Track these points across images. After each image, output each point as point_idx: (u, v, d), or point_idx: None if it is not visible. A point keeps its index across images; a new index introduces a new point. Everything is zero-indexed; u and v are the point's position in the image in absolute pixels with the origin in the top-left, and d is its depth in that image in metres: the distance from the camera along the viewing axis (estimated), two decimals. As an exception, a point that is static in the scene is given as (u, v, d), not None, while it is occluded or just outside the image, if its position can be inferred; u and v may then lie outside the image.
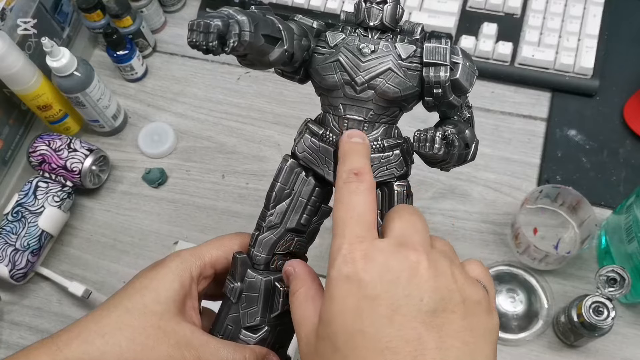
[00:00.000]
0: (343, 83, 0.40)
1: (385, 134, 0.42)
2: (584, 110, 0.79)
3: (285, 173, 0.43)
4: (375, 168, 0.41)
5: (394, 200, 0.42)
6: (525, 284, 0.70)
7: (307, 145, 0.42)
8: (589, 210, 0.69)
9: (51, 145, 0.75)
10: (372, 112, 0.41)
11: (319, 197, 0.43)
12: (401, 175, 0.42)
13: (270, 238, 0.43)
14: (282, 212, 0.43)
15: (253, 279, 0.42)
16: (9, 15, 0.73)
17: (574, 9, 0.82)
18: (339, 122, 0.42)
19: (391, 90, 0.40)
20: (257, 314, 0.42)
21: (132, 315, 0.40)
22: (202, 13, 0.89)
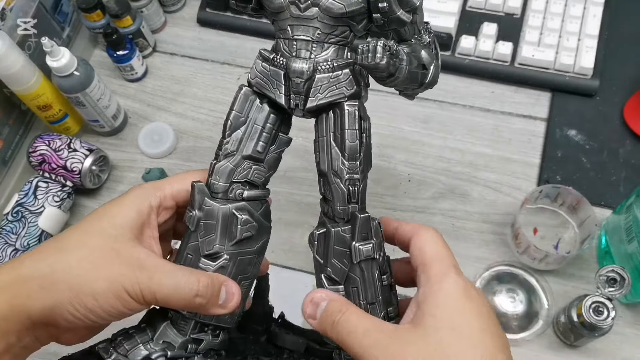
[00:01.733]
0: (288, 3, 0.40)
1: (335, 55, 0.41)
2: (584, 110, 0.79)
3: (240, 101, 0.43)
4: (324, 88, 0.41)
5: (345, 121, 0.41)
6: (525, 284, 0.70)
7: (258, 70, 0.42)
8: (589, 210, 0.69)
9: (51, 145, 0.75)
10: (319, 30, 0.41)
11: (274, 123, 0.43)
12: (352, 95, 0.41)
13: (227, 166, 0.43)
14: (237, 139, 0.43)
15: (210, 206, 0.42)
16: (9, 15, 0.73)
17: (574, 9, 0.82)
18: (288, 45, 0.41)
19: (335, 5, 0.40)
20: (215, 241, 0.42)
21: (88, 236, 0.41)
22: (202, 13, 0.89)
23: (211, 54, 0.88)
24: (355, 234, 0.41)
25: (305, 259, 0.72)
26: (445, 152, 0.79)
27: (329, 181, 0.42)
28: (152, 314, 0.45)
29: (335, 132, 0.41)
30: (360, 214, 0.42)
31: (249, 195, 0.43)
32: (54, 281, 0.38)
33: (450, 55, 0.83)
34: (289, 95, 0.42)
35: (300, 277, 0.71)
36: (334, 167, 0.41)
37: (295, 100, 0.41)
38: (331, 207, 0.42)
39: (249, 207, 0.43)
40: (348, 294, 0.42)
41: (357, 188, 0.42)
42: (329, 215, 0.43)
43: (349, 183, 0.41)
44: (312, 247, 0.44)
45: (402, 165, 0.78)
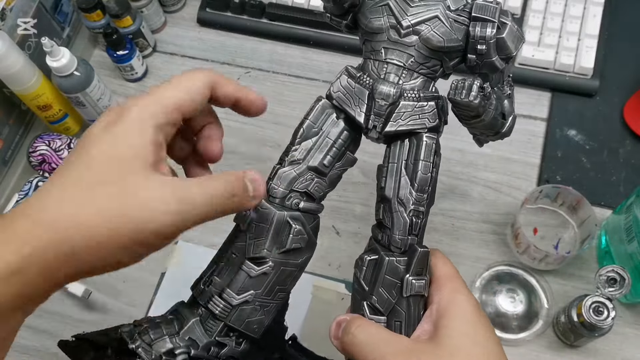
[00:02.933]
0: (389, 26, 0.40)
1: (422, 86, 0.42)
2: (584, 110, 0.79)
3: (317, 111, 0.43)
4: (407, 115, 0.41)
5: (421, 152, 0.41)
6: (525, 284, 0.70)
7: (342, 85, 0.42)
8: (589, 210, 0.69)
9: (51, 145, 0.75)
10: (412, 58, 0.41)
11: (346, 140, 0.43)
12: (432, 128, 0.42)
13: (290, 173, 0.42)
14: (306, 149, 0.42)
15: (267, 209, 0.41)
16: (9, 15, 0.73)
17: (574, 9, 0.82)
18: (377, 67, 0.41)
19: (435, 38, 0.40)
20: (263, 246, 0.41)
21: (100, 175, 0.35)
22: (202, 13, 0.89)
23: (211, 54, 0.88)
24: (411, 267, 0.41)
25: (305, 259, 0.72)
26: (445, 152, 0.78)
27: (391, 208, 0.41)
28: (181, 307, 0.44)
29: (407, 161, 0.41)
30: (420, 248, 0.41)
31: (305, 207, 0.43)
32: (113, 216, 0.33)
33: (450, 55, 0.83)
34: (369, 115, 0.41)
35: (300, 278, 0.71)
36: (400, 195, 0.41)
37: (374, 121, 0.41)
38: (387, 234, 0.42)
39: (303, 218, 0.43)
40: (390, 326, 0.41)
41: (420, 220, 0.41)
42: (382, 243, 0.42)
43: (413, 214, 0.41)
44: (358, 271, 0.43)
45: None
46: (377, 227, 0.44)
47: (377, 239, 0.43)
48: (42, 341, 0.70)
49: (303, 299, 0.70)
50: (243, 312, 0.41)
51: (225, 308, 0.41)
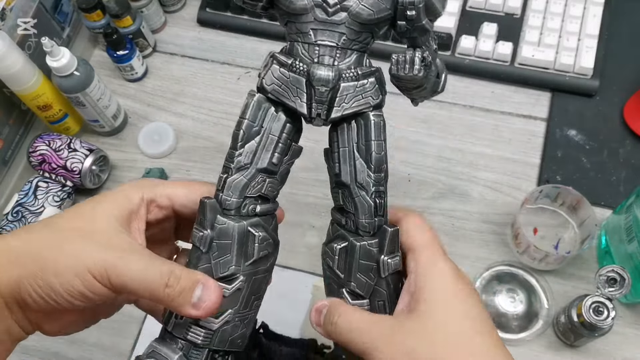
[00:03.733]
0: (313, 5, 0.38)
1: (357, 62, 0.40)
2: (584, 110, 0.79)
3: (253, 109, 0.40)
4: (350, 97, 0.39)
5: (370, 132, 0.39)
6: (525, 284, 0.70)
7: (275, 76, 0.39)
8: (589, 210, 0.69)
9: (51, 145, 0.75)
10: (345, 36, 0.39)
11: (290, 133, 0.40)
12: (377, 105, 0.40)
13: (241, 180, 0.40)
14: (251, 151, 0.40)
15: (224, 224, 0.39)
16: (9, 15, 0.73)
17: (574, 9, 0.82)
18: (309, 50, 0.39)
19: (365, 11, 0.38)
20: (231, 263, 0.39)
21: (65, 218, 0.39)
22: (202, 13, 0.89)
23: (211, 54, 0.88)
24: (384, 247, 0.40)
25: (305, 259, 0.72)
26: (445, 152, 0.79)
27: (351, 193, 0.40)
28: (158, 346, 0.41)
29: (359, 143, 0.40)
30: (390, 228, 0.41)
31: (262, 210, 0.41)
32: (20, 254, 0.36)
33: (450, 55, 0.83)
34: (310, 104, 0.39)
35: (300, 277, 0.71)
36: (358, 179, 0.40)
37: (318, 109, 0.39)
38: (352, 219, 0.41)
39: (263, 222, 0.41)
40: (374, 308, 0.41)
41: (383, 200, 0.41)
42: (348, 228, 0.42)
43: (375, 196, 0.40)
44: (330, 260, 0.42)
45: (402, 165, 0.78)
46: (338, 212, 0.42)
47: (342, 224, 0.42)
48: (41, 341, 0.70)
49: (303, 299, 0.70)
50: (225, 332, 0.40)
51: (206, 335, 0.39)
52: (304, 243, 0.73)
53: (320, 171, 0.77)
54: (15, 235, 0.38)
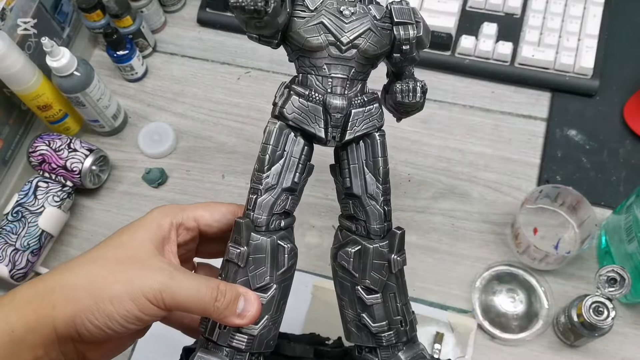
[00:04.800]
0: (328, 44, 0.43)
1: (362, 91, 0.45)
2: (584, 110, 0.79)
3: (276, 135, 0.45)
4: (360, 122, 0.45)
5: (377, 149, 0.45)
6: (525, 284, 0.70)
7: (296, 106, 0.44)
8: (589, 210, 0.69)
9: (51, 145, 0.75)
10: (354, 69, 0.44)
11: (307, 155, 0.46)
12: (380, 126, 0.46)
13: (269, 200, 0.44)
14: (277, 173, 0.45)
15: (258, 240, 0.44)
16: (9, 15, 0.73)
17: (574, 9, 0.82)
18: (322, 82, 0.44)
19: (371, 48, 0.44)
20: (266, 274, 0.44)
21: (108, 249, 0.42)
22: (202, 13, 0.89)
23: (211, 54, 0.88)
24: (394, 247, 0.46)
25: (305, 258, 0.72)
26: (445, 152, 0.79)
27: (362, 204, 0.46)
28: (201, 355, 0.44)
29: (367, 160, 0.46)
30: (399, 231, 0.46)
31: (286, 224, 0.46)
32: (75, 289, 0.39)
33: (450, 55, 0.83)
34: (327, 129, 0.45)
35: (300, 277, 0.71)
36: (369, 191, 0.46)
37: (333, 133, 0.45)
38: (363, 225, 0.46)
39: (287, 235, 0.46)
40: (386, 300, 0.46)
41: (389, 208, 0.46)
42: (359, 233, 0.47)
43: (384, 204, 0.46)
44: (345, 262, 0.47)
45: (402, 165, 0.78)
46: (347, 220, 0.48)
47: (352, 230, 0.47)
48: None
49: (303, 299, 0.70)
50: (262, 336, 0.44)
51: (249, 340, 0.44)
52: (304, 243, 0.73)
53: (320, 172, 0.77)
54: (67, 270, 0.40)
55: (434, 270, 0.72)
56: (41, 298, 0.38)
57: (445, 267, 0.72)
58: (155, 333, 0.46)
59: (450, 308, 0.69)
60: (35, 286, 0.39)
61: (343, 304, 0.48)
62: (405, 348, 0.48)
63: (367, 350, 0.48)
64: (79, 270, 0.40)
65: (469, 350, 0.67)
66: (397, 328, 0.47)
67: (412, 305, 0.50)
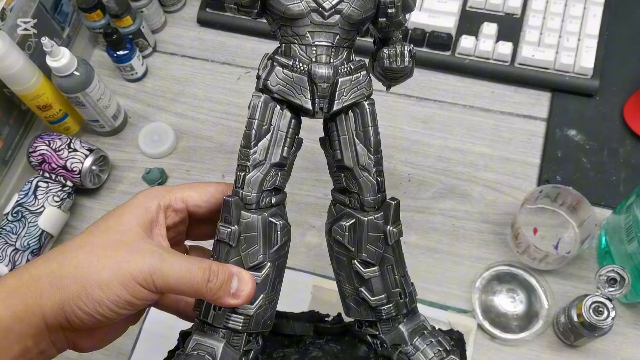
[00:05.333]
0: (310, 10, 0.42)
1: (348, 58, 0.44)
2: (584, 110, 0.79)
3: (261, 109, 0.43)
4: (347, 90, 0.43)
5: (367, 119, 0.44)
6: (525, 284, 0.70)
7: (280, 77, 0.43)
8: (589, 210, 0.69)
9: (51, 145, 0.75)
10: (338, 36, 0.43)
11: (295, 128, 0.44)
12: (369, 94, 0.44)
13: (258, 176, 0.43)
14: (264, 148, 0.43)
15: (249, 218, 0.43)
16: (9, 15, 0.73)
17: (574, 9, 0.82)
18: (306, 51, 0.43)
19: (355, 13, 0.42)
20: (259, 252, 0.43)
21: (95, 235, 0.41)
22: (202, 13, 0.89)
23: (211, 54, 0.88)
24: (389, 218, 0.45)
25: (305, 258, 0.72)
26: (445, 152, 0.79)
27: (355, 175, 0.44)
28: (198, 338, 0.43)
29: (357, 130, 0.44)
30: (393, 201, 0.45)
31: (277, 201, 0.44)
32: (62, 277, 0.38)
33: (450, 55, 0.83)
34: (314, 100, 0.43)
35: (300, 277, 0.71)
36: (360, 162, 0.44)
37: (320, 104, 0.43)
38: (358, 198, 0.45)
39: (279, 211, 0.44)
40: (383, 273, 0.46)
41: (382, 178, 0.45)
42: (353, 206, 0.45)
43: (377, 175, 0.45)
44: (340, 237, 0.45)
45: (402, 165, 0.78)
46: (340, 194, 0.46)
47: (345, 204, 0.46)
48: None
49: (303, 299, 0.70)
50: (259, 315, 0.43)
51: (245, 321, 0.43)
52: (304, 243, 0.73)
53: (320, 171, 0.77)
54: (52, 258, 0.39)
55: (434, 270, 0.72)
56: (27, 287, 0.38)
57: (445, 267, 0.72)
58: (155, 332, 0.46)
59: (450, 308, 0.69)
60: (20, 275, 0.38)
61: (340, 279, 0.47)
62: (406, 320, 0.47)
63: (368, 325, 0.47)
64: (64, 257, 0.39)
65: (469, 350, 0.67)
66: (397, 300, 0.46)
67: (412, 305, 0.50)
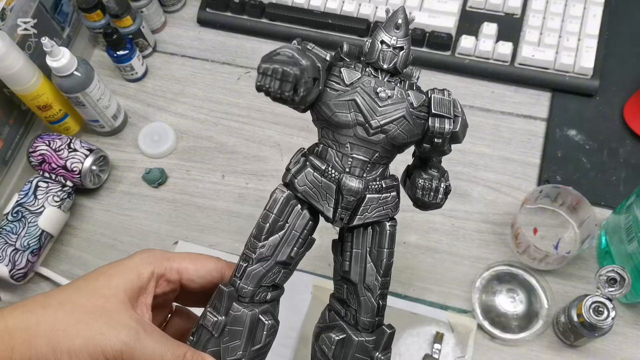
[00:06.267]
0: (356, 123, 0.41)
1: (382, 175, 0.43)
2: (584, 110, 0.79)
3: (281, 205, 0.42)
4: (372, 208, 0.42)
5: (384, 240, 0.43)
6: (525, 284, 0.70)
7: (309, 179, 0.42)
8: (589, 210, 0.69)
9: (51, 145, 0.75)
10: (377, 154, 0.42)
11: (310, 230, 0.43)
12: (393, 216, 0.43)
13: (260, 271, 0.42)
14: (274, 244, 0.42)
15: (239, 312, 0.41)
16: (9, 15, 0.73)
17: (574, 9, 0.82)
18: (342, 160, 0.42)
19: (401, 136, 0.41)
20: (239, 349, 0.41)
21: (80, 294, 0.40)
22: (202, 13, 0.89)
23: (211, 54, 0.88)
24: (380, 345, 0.44)
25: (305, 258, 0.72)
26: (445, 152, 0.79)
27: (357, 292, 0.43)
28: None
29: (372, 248, 0.43)
30: (389, 330, 0.44)
31: (272, 297, 0.43)
32: (35, 335, 0.37)
33: (450, 55, 0.83)
34: (336, 209, 0.42)
35: (300, 277, 0.71)
36: (367, 281, 0.43)
37: (342, 214, 0.42)
38: (353, 314, 0.44)
39: (271, 309, 0.43)
40: None
41: (385, 302, 0.44)
42: (347, 321, 0.44)
43: (379, 298, 0.43)
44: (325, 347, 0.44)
45: (402, 165, 0.78)
46: (338, 303, 0.45)
47: (341, 315, 0.45)
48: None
49: (303, 299, 0.70)
50: None
51: None
52: (304, 243, 0.73)
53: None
54: (32, 311, 0.39)
55: (434, 270, 0.72)
56: (1, 339, 0.37)
57: (445, 267, 0.72)
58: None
59: (450, 308, 0.69)
60: None
61: None
62: None
63: None
64: (44, 313, 0.38)
65: (469, 350, 0.67)
66: None
67: (412, 306, 0.49)
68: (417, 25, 0.83)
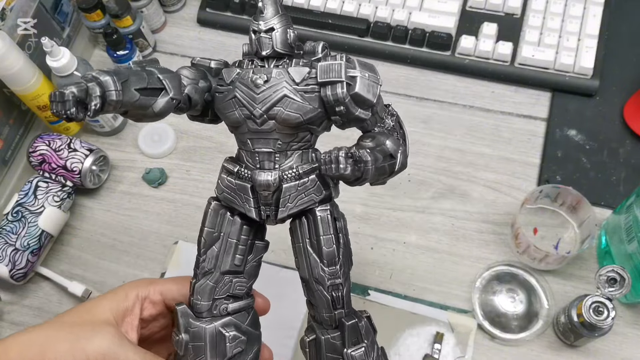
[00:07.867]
0: (244, 118, 0.40)
1: (300, 160, 0.41)
2: (584, 110, 0.79)
3: (211, 216, 0.42)
4: (293, 197, 0.40)
5: (319, 227, 0.41)
6: (525, 284, 0.70)
7: (224, 185, 0.42)
8: (589, 210, 0.69)
9: (51, 145, 0.75)
10: (279, 141, 0.40)
11: (248, 234, 0.42)
12: (323, 199, 0.41)
13: (207, 284, 0.42)
14: (213, 256, 0.42)
15: (196, 328, 0.42)
16: (9, 15, 0.73)
17: (574, 9, 0.82)
18: (251, 157, 0.41)
19: (292, 116, 0.39)
20: None
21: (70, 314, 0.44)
22: (202, 13, 0.89)
23: (211, 54, 0.88)
24: (345, 341, 0.41)
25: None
26: (445, 152, 0.79)
27: (310, 288, 0.42)
28: None
29: (311, 239, 0.41)
30: (348, 321, 0.41)
31: (234, 309, 0.43)
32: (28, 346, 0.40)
33: (450, 55, 0.83)
34: (258, 208, 0.41)
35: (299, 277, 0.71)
36: (314, 274, 0.41)
37: (266, 211, 0.41)
38: (317, 312, 0.43)
39: (235, 320, 0.43)
40: None
41: (340, 293, 0.41)
42: (317, 320, 0.43)
43: (332, 289, 0.41)
44: (304, 352, 0.44)
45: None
46: (309, 304, 0.44)
47: (312, 316, 0.44)
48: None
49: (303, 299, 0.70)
50: None
51: None
52: (304, 243, 0.73)
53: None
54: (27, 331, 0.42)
55: (434, 270, 0.72)
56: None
57: (445, 267, 0.72)
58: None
59: (450, 308, 0.69)
60: None
61: None
62: None
63: None
64: (35, 332, 0.41)
65: (469, 350, 0.67)
66: None
67: (412, 306, 0.49)
68: (417, 25, 0.83)
